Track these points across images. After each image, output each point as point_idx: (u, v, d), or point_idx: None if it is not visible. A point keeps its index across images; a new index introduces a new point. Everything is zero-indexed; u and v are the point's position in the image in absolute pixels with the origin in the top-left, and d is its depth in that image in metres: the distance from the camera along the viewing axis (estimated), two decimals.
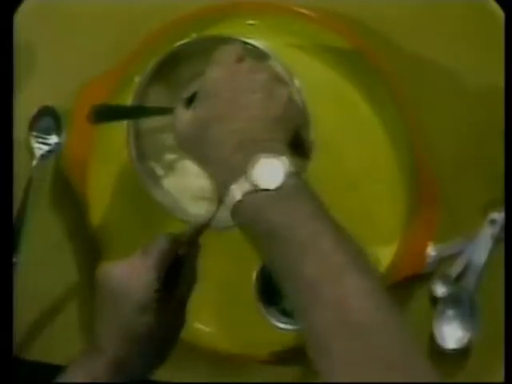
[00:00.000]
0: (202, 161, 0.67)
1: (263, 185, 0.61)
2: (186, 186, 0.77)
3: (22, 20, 0.87)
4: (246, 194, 0.61)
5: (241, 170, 0.62)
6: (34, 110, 0.87)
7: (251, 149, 0.63)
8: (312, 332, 0.58)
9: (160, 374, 0.71)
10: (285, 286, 0.61)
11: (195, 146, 0.68)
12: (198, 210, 0.76)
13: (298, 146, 0.72)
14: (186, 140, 0.69)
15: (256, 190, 0.61)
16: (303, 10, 0.83)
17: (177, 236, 0.71)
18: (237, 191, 0.62)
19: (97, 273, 0.69)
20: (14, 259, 0.83)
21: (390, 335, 0.57)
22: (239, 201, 0.62)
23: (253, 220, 0.62)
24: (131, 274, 0.68)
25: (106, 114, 0.75)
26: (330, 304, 0.57)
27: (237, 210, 0.62)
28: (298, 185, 0.62)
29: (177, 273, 0.70)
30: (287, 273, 0.60)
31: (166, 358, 0.71)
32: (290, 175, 0.62)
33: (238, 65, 0.69)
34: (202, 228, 0.71)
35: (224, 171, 0.64)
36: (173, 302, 0.69)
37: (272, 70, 0.71)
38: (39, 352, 0.90)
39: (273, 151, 0.63)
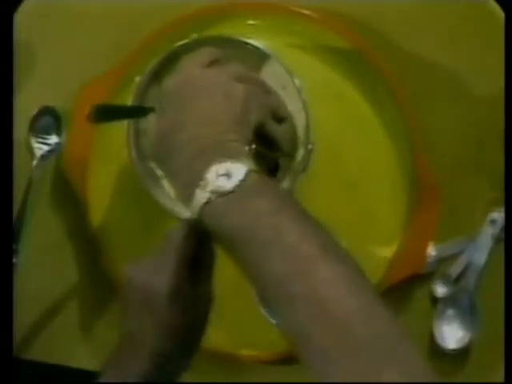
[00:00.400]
0: (167, 169, 0.68)
1: (220, 189, 0.61)
2: None
3: (22, 20, 0.87)
4: (206, 201, 0.61)
5: (199, 178, 0.62)
6: (34, 110, 0.87)
7: (209, 154, 0.63)
8: (290, 329, 0.57)
9: None
10: (257, 287, 0.60)
11: (160, 155, 0.68)
12: None
13: (266, 140, 0.72)
14: (154, 150, 0.69)
15: (214, 196, 0.61)
16: (304, 10, 0.83)
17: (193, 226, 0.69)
18: (196, 200, 0.62)
19: (124, 272, 0.69)
20: (14, 259, 0.83)
21: (369, 323, 0.55)
22: (200, 208, 0.61)
23: (215, 226, 0.61)
24: (157, 272, 0.67)
25: (106, 113, 0.75)
26: (302, 298, 0.56)
27: (200, 217, 0.62)
28: (256, 183, 0.62)
29: (196, 263, 0.69)
30: (256, 273, 0.59)
31: (199, 345, 0.70)
32: (248, 175, 0.61)
33: (196, 71, 0.70)
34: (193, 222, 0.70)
35: (184, 179, 0.64)
36: (197, 289, 0.68)
37: (233, 69, 0.71)
38: (39, 352, 0.90)
39: (230, 153, 0.63)
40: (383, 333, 0.55)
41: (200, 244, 0.69)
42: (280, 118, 0.74)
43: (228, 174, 0.61)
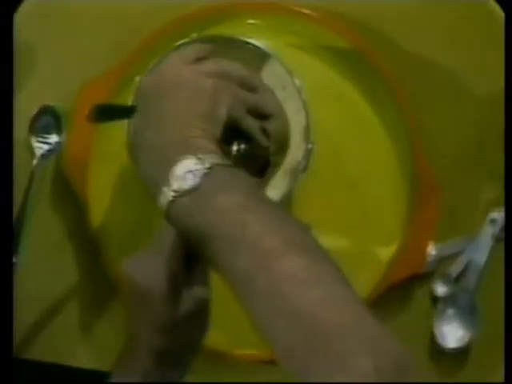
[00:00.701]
0: (138, 168, 0.67)
1: (183, 188, 0.61)
2: None
3: (22, 20, 0.87)
4: (171, 200, 0.61)
5: (163, 176, 0.62)
6: (34, 110, 0.87)
7: (173, 151, 0.63)
8: (256, 325, 0.57)
9: None
10: (227, 283, 0.60)
11: (132, 154, 0.69)
12: None
13: (241, 135, 0.71)
14: (129, 149, 0.70)
15: (179, 195, 0.61)
16: (304, 10, 0.83)
17: None
18: (162, 199, 0.62)
19: (121, 271, 0.69)
20: (14, 259, 0.83)
21: (333, 313, 0.54)
22: (167, 208, 0.62)
23: (182, 223, 0.61)
24: (150, 268, 0.67)
25: (106, 113, 0.75)
26: (265, 293, 0.56)
27: (167, 216, 0.62)
28: (221, 178, 0.61)
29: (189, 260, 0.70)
30: (223, 270, 0.59)
31: (200, 345, 0.71)
32: (212, 170, 0.61)
33: (176, 68, 0.70)
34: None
35: (151, 178, 0.64)
36: (192, 283, 0.68)
37: (211, 65, 0.70)
38: (39, 351, 0.90)
39: (194, 150, 0.63)
40: (349, 321, 0.54)
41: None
42: (265, 115, 0.74)
43: (192, 170, 0.61)
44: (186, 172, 0.61)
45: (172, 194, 0.61)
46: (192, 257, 0.68)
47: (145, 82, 0.72)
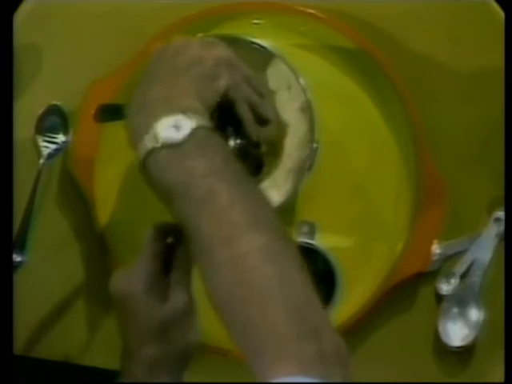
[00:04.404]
0: (126, 118, 0.66)
1: (166, 140, 0.61)
2: None
3: (22, 21, 0.87)
4: (151, 149, 0.61)
5: (148, 125, 0.62)
6: (39, 110, 0.88)
7: (163, 106, 0.63)
8: (211, 294, 0.58)
9: None
10: (190, 241, 0.61)
11: (127, 113, 0.67)
12: None
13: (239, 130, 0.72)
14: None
15: (160, 145, 0.61)
16: (309, 10, 0.83)
17: (161, 226, 0.71)
18: (143, 146, 0.62)
19: (109, 285, 0.71)
20: (20, 258, 0.83)
21: (287, 294, 0.56)
22: (145, 155, 0.62)
23: (156, 175, 0.62)
24: (131, 276, 0.69)
25: (113, 113, 0.76)
26: (224, 265, 0.57)
27: (141, 167, 0.63)
28: (203, 141, 0.62)
29: (169, 259, 0.71)
30: (188, 231, 0.60)
31: (192, 348, 0.71)
32: (196, 131, 0.61)
33: (178, 39, 0.70)
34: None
35: (135, 125, 0.64)
36: (173, 288, 0.70)
37: (224, 52, 0.70)
38: (47, 350, 0.90)
39: (184, 107, 0.63)
40: (296, 304, 0.56)
41: (173, 245, 0.70)
42: (263, 119, 0.73)
43: (177, 126, 0.61)
44: (172, 125, 0.61)
45: (153, 143, 0.61)
46: (171, 259, 0.70)
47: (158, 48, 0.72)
